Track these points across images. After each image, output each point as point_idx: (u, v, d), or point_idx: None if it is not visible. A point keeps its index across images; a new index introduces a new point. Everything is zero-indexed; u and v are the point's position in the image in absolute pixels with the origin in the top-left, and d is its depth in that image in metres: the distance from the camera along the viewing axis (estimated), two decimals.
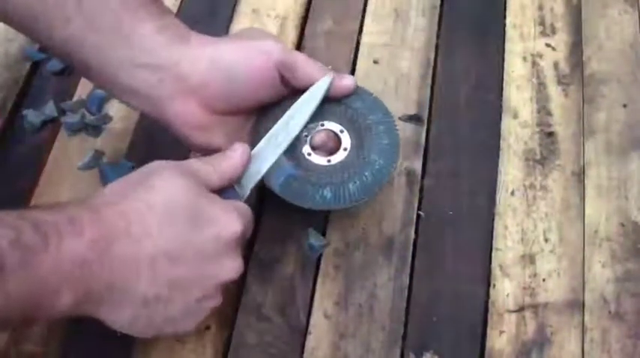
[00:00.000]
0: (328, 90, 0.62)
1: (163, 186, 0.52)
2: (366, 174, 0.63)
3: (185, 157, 0.70)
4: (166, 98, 0.59)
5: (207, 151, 0.60)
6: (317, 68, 0.61)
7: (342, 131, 0.65)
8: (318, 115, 0.64)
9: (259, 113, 0.64)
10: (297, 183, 0.62)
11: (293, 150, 0.63)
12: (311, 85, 0.61)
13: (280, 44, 0.61)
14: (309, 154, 0.64)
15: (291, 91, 0.63)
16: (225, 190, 0.57)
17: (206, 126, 0.60)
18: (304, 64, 0.61)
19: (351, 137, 0.65)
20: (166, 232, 0.51)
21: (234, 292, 0.63)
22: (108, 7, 0.57)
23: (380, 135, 0.65)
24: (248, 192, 0.60)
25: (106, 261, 0.49)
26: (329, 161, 0.64)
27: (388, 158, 0.64)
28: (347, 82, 0.63)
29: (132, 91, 0.59)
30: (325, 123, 0.65)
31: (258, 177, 0.60)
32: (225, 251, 0.53)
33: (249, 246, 0.65)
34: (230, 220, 0.54)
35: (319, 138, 0.64)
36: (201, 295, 0.53)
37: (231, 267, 0.54)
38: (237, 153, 0.58)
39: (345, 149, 0.64)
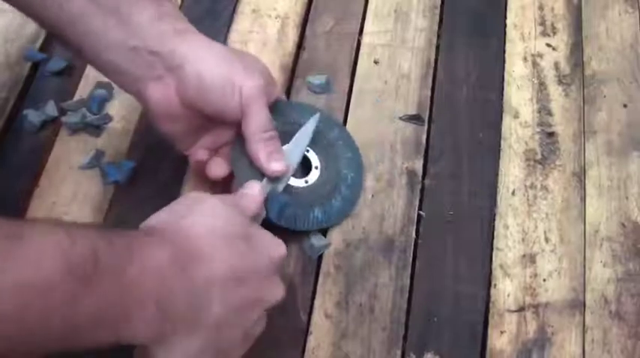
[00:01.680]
0: (316, 128, 0.66)
1: (215, 212, 0.53)
2: (343, 188, 0.67)
3: (186, 157, 0.71)
4: (149, 79, 0.61)
5: (169, 138, 0.64)
6: (259, 132, 0.62)
7: (308, 151, 0.68)
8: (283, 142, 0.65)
9: (236, 147, 0.65)
10: (290, 210, 0.64)
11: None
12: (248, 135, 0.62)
13: (256, 85, 0.61)
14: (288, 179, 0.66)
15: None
16: None
17: (174, 116, 0.62)
18: (254, 120, 0.62)
19: (317, 154, 0.68)
20: (231, 253, 0.52)
21: None
22: None
23: (342, 149, 0.69)
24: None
25: (184, 279, 0.49)
26: (306, 182, 0.67)
27: (356, 169, 0.69)
28: (275, 167, 0.63)
29: (119, 70, 0.61)
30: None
31: (265, 213, 0.62)
32: (275, 272, 0.54)
33: None
34: (277, 243, 0.55)
35: None
36: (256, 318, 0.53)
37: (278, 289, 0.55)
38: (255, 188, 0.60)
39: (317, 167, 0.67)
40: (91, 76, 0.75)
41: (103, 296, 0.45)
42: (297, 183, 0.66)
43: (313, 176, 0.67)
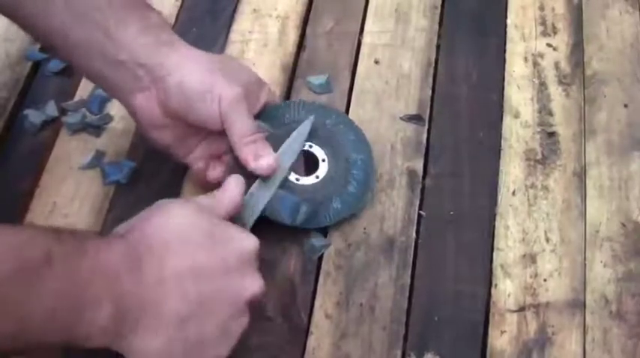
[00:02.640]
0: (311, 131, 0.67)
1: (176, 212, 0.54)
2: (355, 172, 0.67)
3: None
4: (135, 91, 0.62)
5: (159, 147, 0.65)
6: (243, 137, 0.62)
7: (311, 146, 0.68)
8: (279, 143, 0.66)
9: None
10: (305, 208, 0.64)
11: (282, 183, 0.65)
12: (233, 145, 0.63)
13: (234, 93, 0.62)
14: (298, 179, 0.66)
15: None
16: None
17: (160, 125, 0.63)
18: (235, 127, 0.62)
19: (321, 147, 0.68)
20: (187, 249, 0.52)
21: None
22: (94, 5, 0.60)
23: (345, 133, 0.69)
24: (248, 229, 0.61)
25: (136, 278, 0.49)
26: (317, 177, 0.67)
27: (364, 151, 0.69)
28: (263, 162, 0.63)
29: (106, 81, 0.63)
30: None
31: (257, 213, 0.63)
32: (246, 265, 0.54)
33: None
34: (246, 237, 0.55)
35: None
36: (231, 313, 0.53)
37: (254, 282, 0.54)
38: (232, 185, 0.60)
39: (324, 160, 0.67)
40: None
41: (55, 295, 0.46)
42: (308, 181, 0.66)
43: (323, 169, 0.67)
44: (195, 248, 0.52)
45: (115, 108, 0.74)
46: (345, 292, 0.64)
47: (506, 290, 0.65)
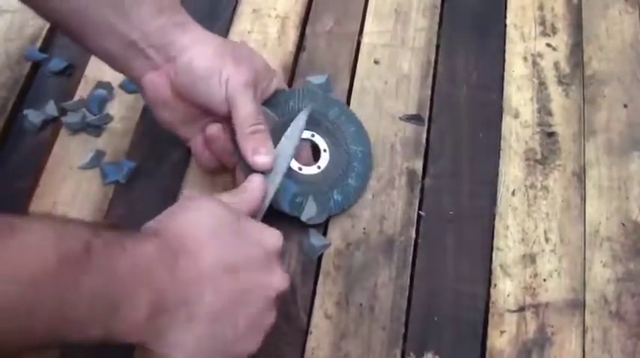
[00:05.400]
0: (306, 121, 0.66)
1: (204, 208, 0.54)
2: (355, 165, 0.68)
3: (186, 157, 0.71)
4: (146, 70, 0.63)
5: (167, 126, 0.66)
6: (244, 125, 0.62)
7: (313, 135, 0.68)
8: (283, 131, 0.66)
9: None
10: (307, 199, 0.65)
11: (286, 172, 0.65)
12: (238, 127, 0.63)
13: (242, 78, 0.62)
14: (300, 169, 0.67)
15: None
16: None
17: (168, 105, 0.64)
18: (239, 113, 0.62)
19: (323, 137, 0.68)
20: (219, 245, 0.52)
21: None
22: None
23: (346, 125, 0.70)
24: (259, 221, 0.62)
25: (171, 274, 0.50)
26: (319, 167, 0.67)
27: (364, 143, 0.70)
28: (259, 160, 0.63)
29: (118, 60, 0.63)
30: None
31: (266, 205, 0.63)
32: (272, 260, 0.55)
33: None
34: (271, 232, 0.56)
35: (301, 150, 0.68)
36: (260, 308, 0.53)
37: (280, 278, 0.55)
38: (254, 183, 0.61)
39: (325, 150, 0.68)
40: (91, 76, 0.76)
41: (95, 289, 0.45)
42: (310, 170, 0.67)
43: (324, 160, 0.68)
44: (226, 244, 0.53)
45: (114, 108, 0.74)
46: (344, 292, 0.64)
47: (506, 290, 0.65)
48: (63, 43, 0.78)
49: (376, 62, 0.78)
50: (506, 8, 0.83)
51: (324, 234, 0.67)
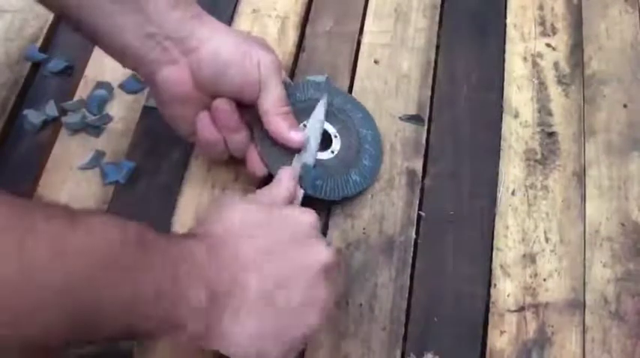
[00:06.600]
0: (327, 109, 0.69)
1: (237, 205, 0.56)
2: (367, 146, 0.70)
3: (186, 157, 0.70)
4: (163, 63, 0.62)
5: (173, 123, 0.65)
6: (278, 106, 0.63)
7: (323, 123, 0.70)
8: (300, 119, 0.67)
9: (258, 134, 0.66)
10: (329, 181, 0.67)
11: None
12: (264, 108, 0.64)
13: (274, 58, 0.63)
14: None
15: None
16: None
17: (185, 99, 0.64)
18: (272, 94, 0.63)
19: (332, 124, 0.70)
20: (256, 234, 0.54)
21: None
22: None
23: (353, 111, 0.72)
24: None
25: (217, 267, 0.51)
26: (332, 152, 0.69)
27: (372, 127, 0.72)
28: (297, 137, 0.64)
29: (133, 54, 0.62)
30: (306, 122, 0.68)
31: (301, 192, 0.65)
32: (311, 237, 0.56)
33: None
34: (304, 212, 0.57)
35: None
36: (309, 282, 0.54)
37: (322, 251, 0.55)
38: (286, 176, 0.62)
39: (336, 136, 0.69)
40: (90, 77, 0.76)
41: (155, 280, 0.47)
42: (325, 156, 0.68)
43: (336, 144, 0.69)
44: (263, 232, 0.54)
45: (114, 109, 0.74)
46: (344, 292, 0.64)
47: (506, 290, 0.65)
48: (63, 43, 0.78)
49: (376, 62, 0.78)
50: (506, 8, 0.83)
51: (324, 234, 0.67)
